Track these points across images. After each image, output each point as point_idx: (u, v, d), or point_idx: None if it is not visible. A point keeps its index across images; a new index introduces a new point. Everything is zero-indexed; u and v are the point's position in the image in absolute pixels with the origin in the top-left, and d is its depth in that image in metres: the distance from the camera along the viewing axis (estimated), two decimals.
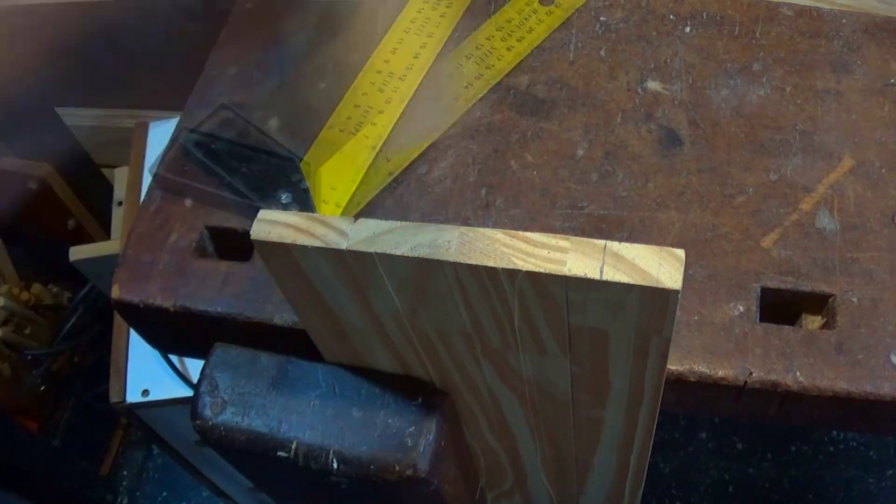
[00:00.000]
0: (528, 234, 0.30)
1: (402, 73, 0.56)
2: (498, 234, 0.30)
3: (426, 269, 0.31)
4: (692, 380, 0.43)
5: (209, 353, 0.46)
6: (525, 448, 0.48)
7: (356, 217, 0.33)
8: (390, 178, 0.52)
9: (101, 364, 0.97)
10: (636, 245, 0.29)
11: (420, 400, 0.42)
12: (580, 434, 0.44)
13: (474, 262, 0.30)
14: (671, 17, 0.58)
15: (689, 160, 0.51)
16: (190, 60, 0.66)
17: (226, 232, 0.52)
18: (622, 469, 0.47)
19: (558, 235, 0.30)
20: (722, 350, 0.44)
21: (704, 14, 0.58)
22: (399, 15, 0.60)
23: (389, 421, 0.41)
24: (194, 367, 1.02)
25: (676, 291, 0.28)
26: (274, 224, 0.34)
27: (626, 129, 0.53)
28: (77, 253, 0.91)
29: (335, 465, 0.41)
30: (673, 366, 0.43)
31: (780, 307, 0.46)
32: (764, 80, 0.54)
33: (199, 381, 0.45)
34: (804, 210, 0.48)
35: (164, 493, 1.38)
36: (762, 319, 0.45)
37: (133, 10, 1.36)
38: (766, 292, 0.45)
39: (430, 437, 0.41)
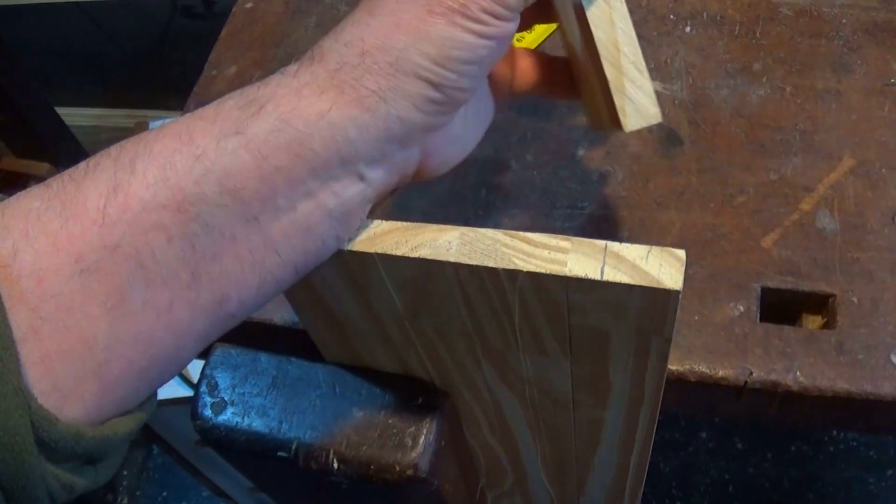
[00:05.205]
0: (529, 235, 0.30)
1: None
2: (498, 235, 0.30)
3: (426, 270, 0.31)
4: (692, 380, 0.43)
5: (209, 353, 0.46)
6: (525, 448, 0.48)
7: None
8: None
9: None
10: (637, 245, 0.29)
11: (420, 400, 0.42)
12: (580, 434, 0.44)
13: (475, 263, 0.30)
14: (671, 17, 0.58)
15: (689, 160, 0.51)
16: (190, 60, 0.66)
17: None
18: (622, 469, 0.47)
19: (559, 236, 0.30)
20: (722, 350, 0.44)
21: (704, 14, 0.58)
22: None
23: (389, 421, 0.41)
24: (194, 367, 1.02)
25: (677, 292, 0.28)
26: None
27: None
28: None
29: (335, 465, 0.41)
30: (673, 366, 0.43)
31: (781, 307, 0.46)
32: (764, 80, 0.54)
33: (199, 381, 0.45)
34: (804, 210, 0.48)
35: (164, 493, 1.38)
36: (762, 319, 0.45)
37: (133, 10, 1.36)
38: (766, 292, 0.45)
39: (431, 437, 0.41)
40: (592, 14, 0.34)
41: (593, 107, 0.39)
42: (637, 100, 0.34)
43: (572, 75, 0.40)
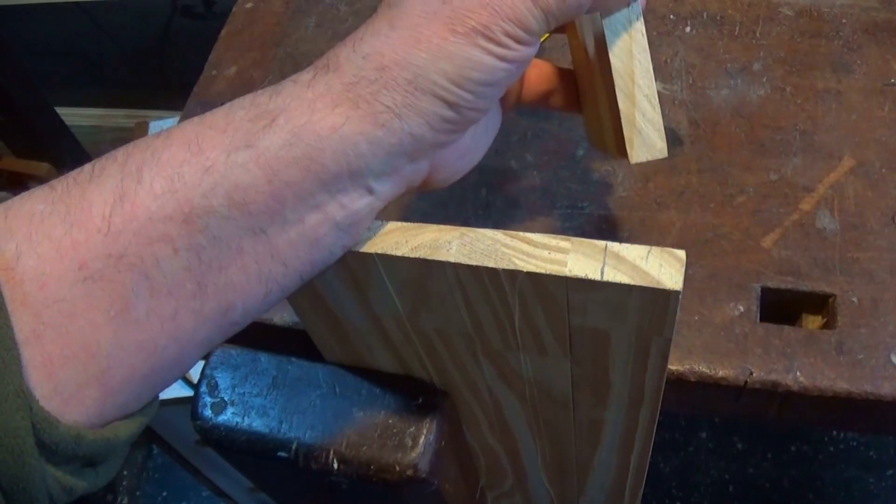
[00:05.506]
0: (529, 235, 0.30)
1: None
2: (498, 235, 0.30)
3: (426, 270, 0.31)
4: (692, 380, 0.43)
5: (209, 354, 0.46)
6: (525, 448, 0.48)
7: None
8: None
9: None
10: (637, 245, 0.29)
11: (420, 400, 0.42)
12: (580, 434, 0.44)
13: (475, 263, 0.30)
14: (671, 16, 0.58)
15: (689, 160, 0.51)
16: (190, 60, 0.66)
17: None
18: (622, 469, 0.47)
19: (559, 236, 0.30)
20: (722, 350, 0.44)
21: (704, 14, 0.58)
22: None
23: (389, 421, 0.41)
24: (195, 367, 1.02)
25: (677, 292, 0.28)
26: None
27: None
28: None
29: (335, 465, 0.41)
30: (673, 366, 0.43)
31: (781, 307, 0.46)
32: (764, 79, 0.54)
33: (199, 381, 0.45)
34: (804, 210, 0.48)
35: (164, 493, 1.38)
36: (762, 319, 0.45)
37: (133, 10, 1.37)
38: (766, 292, 0.45)
39: (431, 437, 0.41)
40: (612, 43, 0.34)
41: (597, 127, 0.38)
42: (646, 133, 0.34)
43: (578, 89, 0.40)
